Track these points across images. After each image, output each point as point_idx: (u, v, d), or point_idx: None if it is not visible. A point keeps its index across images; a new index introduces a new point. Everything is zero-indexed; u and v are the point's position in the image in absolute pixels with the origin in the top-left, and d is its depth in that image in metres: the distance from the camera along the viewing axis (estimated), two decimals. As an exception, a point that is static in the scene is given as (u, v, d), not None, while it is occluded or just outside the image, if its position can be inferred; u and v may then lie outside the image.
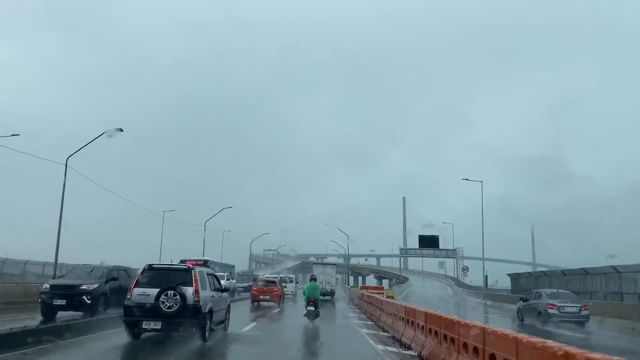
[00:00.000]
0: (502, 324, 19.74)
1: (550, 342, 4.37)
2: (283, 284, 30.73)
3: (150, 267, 10.90)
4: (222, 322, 12.54)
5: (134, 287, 10.47)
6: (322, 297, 28.45)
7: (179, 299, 10.14)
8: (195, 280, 10.53)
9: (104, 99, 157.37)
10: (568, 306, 18.69)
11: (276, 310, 23.26)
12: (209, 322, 10.89)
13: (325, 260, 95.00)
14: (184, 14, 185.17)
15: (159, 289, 10.19)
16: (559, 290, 20.91)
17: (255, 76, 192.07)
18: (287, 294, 31.83)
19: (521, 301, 21.93)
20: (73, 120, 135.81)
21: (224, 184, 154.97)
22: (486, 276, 45.25)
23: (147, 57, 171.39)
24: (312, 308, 16.21)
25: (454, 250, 65.51)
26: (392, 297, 29.49)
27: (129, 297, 10.40)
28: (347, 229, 70.17)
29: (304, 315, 16.26)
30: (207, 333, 10.73)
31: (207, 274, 11.83)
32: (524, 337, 4.95)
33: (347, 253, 76.49)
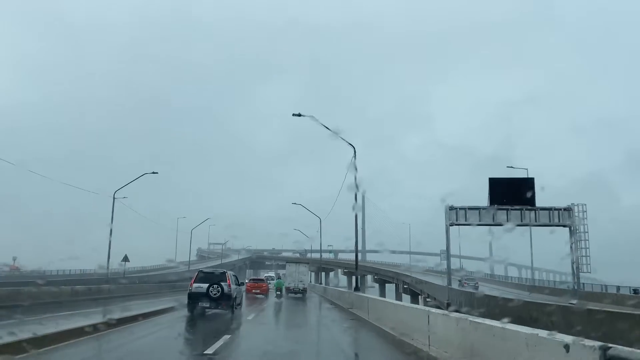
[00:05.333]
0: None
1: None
2: (269, 281, 38.78)
3: (201, 271, 18.68)
4: (239, 304, 20.35)
5: (193, 283, 18.20)
6: (294, 295, 36.82)
7: (220, 289, 17.90)
8: (229, 279, 18.32)
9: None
10: (471, 281, 42.45)
11: (264, 300, 31.20)
12: (234, 303, 18.69)
13: (280, 256, 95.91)
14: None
15: (208, 284, 17.94)
16: (471, 274, 45.74)
17: (213, 67, 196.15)
18: (271, 288, 39.78)
19: (458, 282, 39.68)
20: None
21: (176, 173, 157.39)
22: None
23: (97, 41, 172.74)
24: (279, 293, 33.98)
25: (567, 210, 31.51)
26: None
27: (190, 288, 18.12)
28: (303, 224, 58.08)
29: (275, 297, 32.81)
30: (233, 310, 18.54)
31: (233, 275, 19.62)
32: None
33: (319, 247, 63.06)
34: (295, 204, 46.72)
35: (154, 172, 38.47)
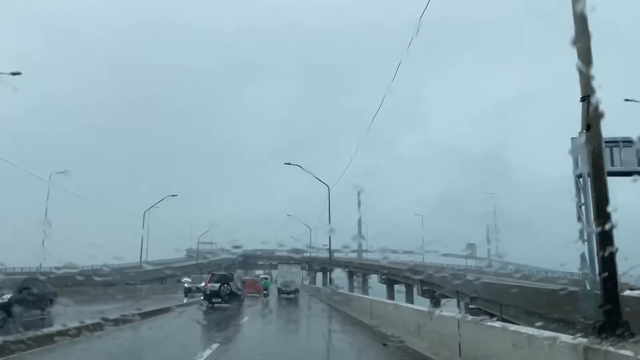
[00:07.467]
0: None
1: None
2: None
3: (213, 273, 23.69)
4: (242, 300, 25.33)
5: (208, 283, 23.14)
6: (286, 296, 37.60)
7: (230, 288, 22.87)
8: (236, 279, 23.37)
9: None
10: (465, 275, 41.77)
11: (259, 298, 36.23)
12: (240, 300, 23.70)
13: (273, 255, 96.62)
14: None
15: (219, 283, 22.89)
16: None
17: (210, 68, 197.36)
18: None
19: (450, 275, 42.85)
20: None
21: (163, 171, 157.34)
22: None
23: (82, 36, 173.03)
24: (266, 292, 35.41)
25: None
26: None
27: (206, 288, 23.06)
28: (297, 224, 55.65)
29: (262, 296, 34.77)
30: (240, 304, 23.54)
31: (237, 277, 24.66)
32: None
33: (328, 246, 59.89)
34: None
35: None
